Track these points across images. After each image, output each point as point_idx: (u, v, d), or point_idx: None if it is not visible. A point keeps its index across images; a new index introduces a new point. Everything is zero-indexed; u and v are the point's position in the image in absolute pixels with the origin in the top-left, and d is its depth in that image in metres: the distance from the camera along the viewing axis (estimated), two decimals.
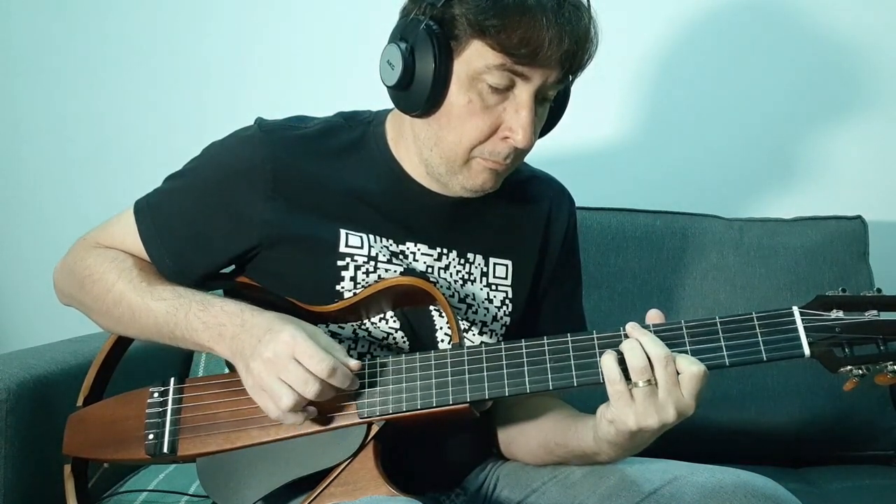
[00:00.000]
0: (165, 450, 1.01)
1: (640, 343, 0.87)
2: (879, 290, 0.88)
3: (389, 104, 1.05)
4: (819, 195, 1.85)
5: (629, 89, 1.88)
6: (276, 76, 1.95)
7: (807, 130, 1.87)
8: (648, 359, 0.86)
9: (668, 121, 1.89)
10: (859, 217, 1.67)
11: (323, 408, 0.95)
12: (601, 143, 1.88)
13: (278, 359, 0.91)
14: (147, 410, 1.04)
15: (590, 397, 0.96)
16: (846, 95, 1.86)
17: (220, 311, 0.98)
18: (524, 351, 0.93)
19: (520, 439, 1.10)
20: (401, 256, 1.06)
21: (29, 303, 2.03)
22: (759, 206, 1.86)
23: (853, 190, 1.84)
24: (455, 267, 1.09)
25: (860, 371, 0.86)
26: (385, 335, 1.05)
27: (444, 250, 1.08)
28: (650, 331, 0.89)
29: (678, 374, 0.86)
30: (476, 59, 0.95)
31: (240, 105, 1.88)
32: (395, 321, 1.05)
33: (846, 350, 0.86)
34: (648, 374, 0.86)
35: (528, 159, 1.10)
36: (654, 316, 0.91)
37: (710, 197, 1.84)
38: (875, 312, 0.86)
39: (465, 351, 0.95)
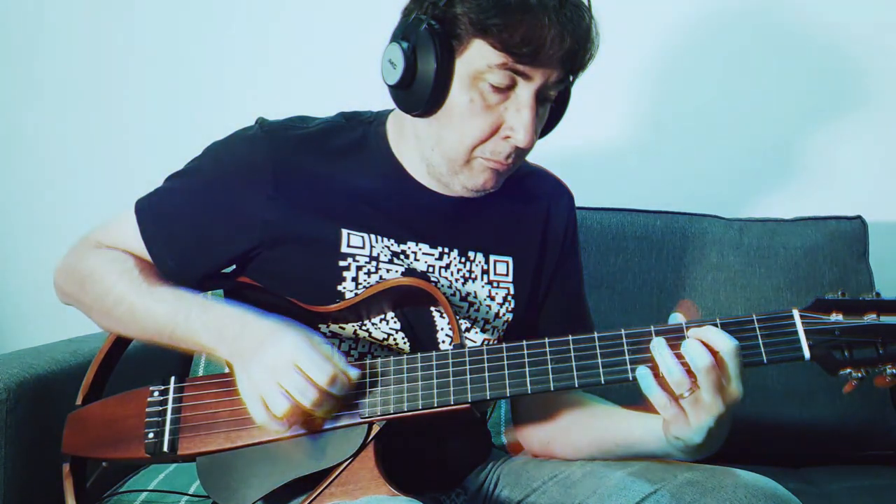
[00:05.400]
0: (165, 449, 1.01)
1: (668, 355, 0.87)
2: (878, 294, 0.87)
3: (391, 104, 1.05)
4: (819, 195, 1.85)
5: (630, 90, 1.88)
6: (278, 76, 1.95)
7: (807, 130, 1.87)
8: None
9: (669, 121, 1.89)
10: (859, 217, 1.68)
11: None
12: (602, 144, 1.88)
13: (279, 365, 0.91)
14: (147, 409, 1.04)
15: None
16: (846, 96, 1.86)
17: (220, 314, 0.98)
18: (525, 351, 0.93)
19: (563, 439, 1.10)
20: (402, 256, 1.06)
21: (29, 303, 2.02)
22: (759, 206, 1.86)
23: (853, 190, 1.85)
24: (456, 265, 1.09)
25: (859, 374, 0.86)
26: (386, 336, 1.05)
27: (446, 249, 1.08)
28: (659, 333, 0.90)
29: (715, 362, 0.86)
30: (478, 58, 0.95)
31: (241, 105, 1.86)
32: (395, 322, 1.05)
33: (845, 353, 0.86)
34: (688, 383, 0.86)
35: (529, 159, 1.10)
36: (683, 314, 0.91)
37: (710, 197, 1.84)
38: (874, 316, 0.86)
39: (467, 351, 0.95)
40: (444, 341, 1.07)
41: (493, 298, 1.10)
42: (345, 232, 1.04)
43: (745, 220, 1.71)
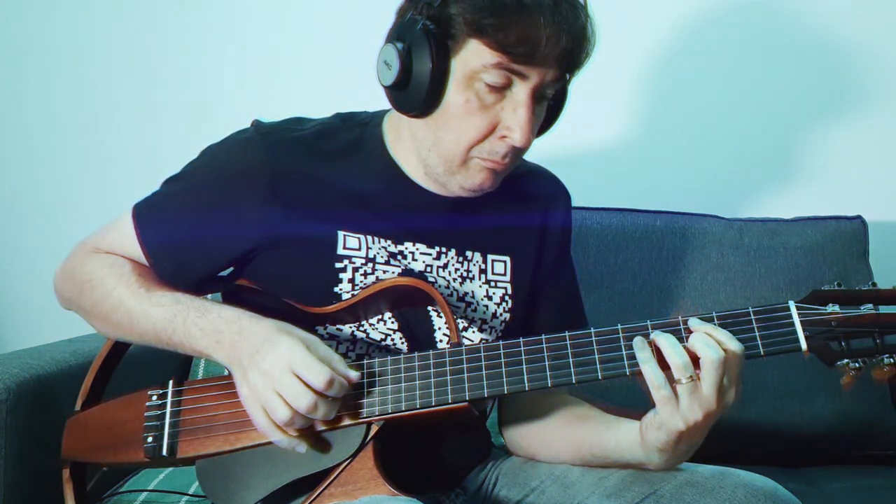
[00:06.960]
0: (164, 452, 1.01)
1: (674, 340, 0.87)
2: (875, 284, 0.87)
3: (387, 105, 1.05)
4: (819, 195, 1.85)
5: (629, 89, 1.88)
6: (274, 77, 1.95)
7: (807, 130, 1.87)
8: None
9: (669, 121, 1.89)
10: (859, 217, 1.67)
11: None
12: (601, 143, 1.88)
13: (275, 371, 0.91)
14: (146, 413, 1.04)
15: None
16: (846, 95, 1.86)
17: (217, 318, 0.98)
18: (522, 349, 0.93)
19: (545, 451, 1.10)
20: (399, 257, 1.06)
21: (29, 303, 2.02)
22: (759, 206, 1.86)
23: (853, 190, 1.84)
24: (454, 265, 1.09)
25: (857, 364, 0.86)
26: (383, 336, 1.05)
27: (443, 249, 1.08)
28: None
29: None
30: (473, 58, 0.95)
31: (237, 107, 1.86)
32: (393, 322, 1.05)
33: (842, 344, 0.86)
34: (691, 370, 0.86)
35: (530, 159, 1.09)
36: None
37: (710, 197, 1.84)
38: (871, 306, 0.86)
39: (464, 349, 0.95)
40: (441, 341, 1.07)
41: (490, 298, 1.10)
42: (341, 234, 1.04)
43: (745, 220, 1.70)
